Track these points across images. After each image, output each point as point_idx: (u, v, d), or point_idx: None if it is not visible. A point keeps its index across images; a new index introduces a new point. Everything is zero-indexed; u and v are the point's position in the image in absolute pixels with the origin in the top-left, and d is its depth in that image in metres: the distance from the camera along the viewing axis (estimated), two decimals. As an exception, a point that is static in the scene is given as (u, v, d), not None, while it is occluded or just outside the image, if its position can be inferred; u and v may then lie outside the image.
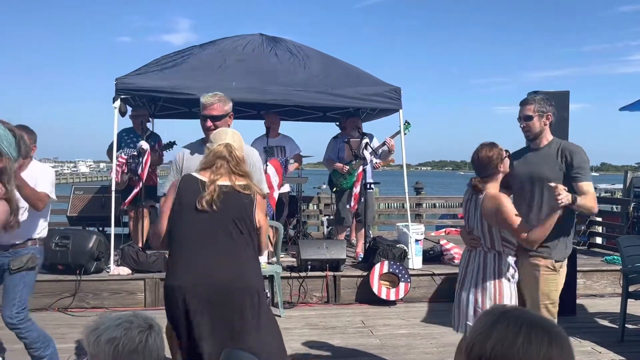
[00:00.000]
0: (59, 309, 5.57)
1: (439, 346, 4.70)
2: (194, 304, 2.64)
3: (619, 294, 5.40)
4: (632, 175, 10.19)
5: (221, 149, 2.81)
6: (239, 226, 2.74)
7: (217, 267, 2.67)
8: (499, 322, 1.15)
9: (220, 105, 3.36)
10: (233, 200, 2.73)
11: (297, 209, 7.44)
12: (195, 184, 2.75)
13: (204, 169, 2.80)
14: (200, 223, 2.70)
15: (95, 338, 1.54)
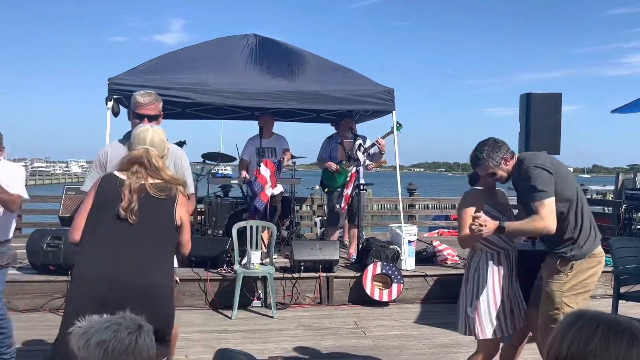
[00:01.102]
0: (51, 310, 5.53)
1: (432, 347, 4.71)
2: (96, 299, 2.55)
3: (611, 296, 5.44)
4: (623, 177, 10.28)
5: (140, 154, 2.80)
6: (154, 233, 2.73)
7: (122, 265, 2.63)
8: (575, 323, 1.16)
9: (156, 104, 3.35)
10: (150, 206, 2.71)
11: (290, 209, 7.44)
12: (114, 182, 2.74)
13: (122, 170, 2.78)
14: (115, 226, 2.67)
15: (84, 342, 1.53)
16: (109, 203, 2.70)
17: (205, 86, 6.22)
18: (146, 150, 2.82)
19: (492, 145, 3.30)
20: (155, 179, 2.77)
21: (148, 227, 2.72)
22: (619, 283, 4.92)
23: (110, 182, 2.76)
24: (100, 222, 2.70)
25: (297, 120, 8.84)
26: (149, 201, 2.72)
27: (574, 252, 3.28)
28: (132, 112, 3.33)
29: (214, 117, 8.78)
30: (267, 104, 6.51)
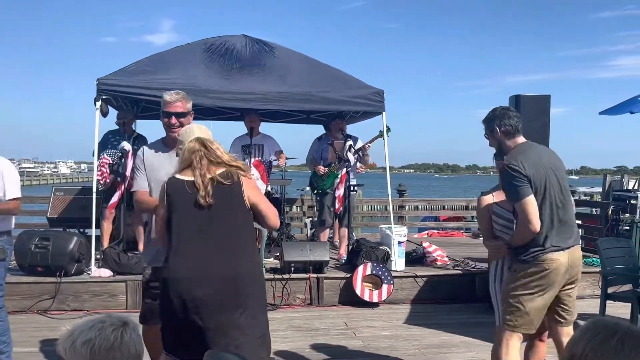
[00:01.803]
0: (39, 312, 5.49)
1: (421, 347, 4.72)
2: (193, 297, 2.66)
3: (598, 296, 5.49)
4: (610, 179, 10.38)
5: (194, 145, 2.81)
6: (232, 216, 2.79)
7: (215, 261, 2.72)
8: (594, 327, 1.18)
9: (184, 102, 3.39)
10: (220, 192, 2.75)
11: (281, 210, 7.43)
12: (180, 185, 2.77)
13: (184, 169, 2.80)
14: (195, 221, 2.74)
15: (70, 344, 1.53)
16: (183, 206, 2.75)
17: (195, 87, 6.20)
18: (198, 138, 2.85)
19: (499, 112, 3.39)
20: (218, 168, 2.78)
21: (225, 219, 2.77)
22: (606, 283, 4.97)
23: (176, 185, 2.78)
24: (182, 227, 2.76)
25: (287, 121, 8.83)
26: (220, 191, 2.75)
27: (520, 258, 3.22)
28: (162, 112, 3.39)
29: (203, 118, 8.74)
30: (258, 104, 6.50)
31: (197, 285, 2.67)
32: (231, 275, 2.73)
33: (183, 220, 2.76)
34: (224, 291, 2.69)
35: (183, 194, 2.74)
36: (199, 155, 2.78)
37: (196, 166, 2.76)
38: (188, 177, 2.76)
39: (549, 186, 3.16)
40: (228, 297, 2.70)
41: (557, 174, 3.24)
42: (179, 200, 2.76)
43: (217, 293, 2.69)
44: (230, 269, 2.74)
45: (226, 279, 2.72)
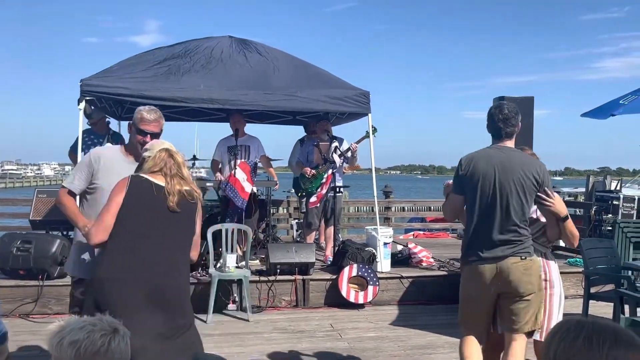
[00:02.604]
0: (20, 316, 5.42)
1: (407, 349, 4.73)
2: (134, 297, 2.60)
3: (582, 296, 5.54)
4: (594, 180, 10.48)
5: (165, 155, 2.83)
6: (185, 232, 2.83)
7: (159, 264, 2.69)
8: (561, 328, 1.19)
9: (160, 122, 3.32)
10: (183, 206, 2.78)
11: (267, 212, 7.41)
12: (146, 184, 2.74)
13: (152, 173, 2.79)
14: (151, 224, 2.72)
15: (58, 340, 1.54)
16: (145, 206, 2.71)
17: (180, 88, 6.17)
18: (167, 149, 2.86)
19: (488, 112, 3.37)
20: (181, 181, 2.81)
21: (181, 232, 2.81)
22: (589, 283, 5.01)
23: (142, 184, 2.75)
24: (133, 224, 2.70)
25: (273, 122, 8.82)
26: (184, 206, 2.78)
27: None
28: (135, 127, 3.25)
29: (188, 119, 8.71)
30: (243, 105, 6.47)
31: (136, 287, 2.62)
32: (170, 286, 2.71)
33: (139, 220, 2.70)
34: (158, 300, 2.65)
35: (148, 194, 2.71)
36: (169, 164, 2.80)
37: (167, 173, 2.77)
38: (157, 181, 2.76)
39: (487, 193, 3.16)
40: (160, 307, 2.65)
41: (510, 182, 3.14)
42: (140, 200, 2.72)
43: (151, 299, 2.64)
44: (171, 279, 2.72)
45: (164, 290, 2.68)
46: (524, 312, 3.19)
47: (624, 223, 6.11)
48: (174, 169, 2.80)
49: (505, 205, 3.14)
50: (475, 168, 3.21)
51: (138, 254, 2.67)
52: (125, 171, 3.08)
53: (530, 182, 3.15)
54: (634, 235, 5.94)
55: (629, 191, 9.65)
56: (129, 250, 2.67)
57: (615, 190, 9.56)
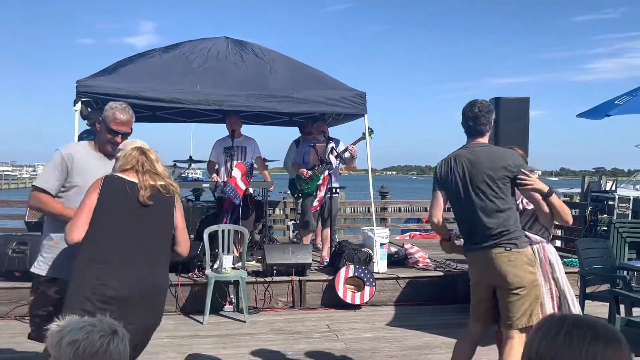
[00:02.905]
0: (16, 318, 5.40)
1: (403, 349, 4.74)
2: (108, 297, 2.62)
3: (577, 296, 5.55)
4: (589, 180, 10.51)
5: (136, 152, 2.85)
6: (162, 227, 2.85)
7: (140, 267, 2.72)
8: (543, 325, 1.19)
9: (132, 121, 3.30)
10: (157, 200, 2.79)
11: (263, 213, 7.41)
12: (120, 182, 2.75)
13: (124, 171, 2.80)
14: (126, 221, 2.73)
15: (57, 340, 1.54)
16: (119, 203, 2.73)
17: (176, 89, 6.16)
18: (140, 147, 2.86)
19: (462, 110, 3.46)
20: (155, 176, 2.82)
21: (157, 226, 2.82)
22: (585, 283, 5.03)
23: (116, 183, 2.76)
24: (109, 222, 2.71)
25: (269, 123, 8.82)
26: (158, 199, 2.79)
27: None
28: (106, 126, 3.20)
29: (184, 120, 8.70)
30: (240, 107, 6.47)
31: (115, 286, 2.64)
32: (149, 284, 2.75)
33: (114, 218, 2.72)
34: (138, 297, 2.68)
35: (121, 192, 2.73)
36: (141, 161, 2.82)
37: (139, 169, 2.79)
38: (130, 178, 2.77)
39: (460, 189, 3.32)
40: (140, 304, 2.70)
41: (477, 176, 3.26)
42: (114, 198, 2.73)
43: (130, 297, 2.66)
44: (149, 276, 2.76)
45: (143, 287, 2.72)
46: (516, 306, 3.22)
47: (619, 223, 6.14)
48: (146, 165, 2.81)
49: (480, 200, 3.26)
50: (447, 170, 3.38)
51: (115, 252, 2.69)
52: (98, 167, 3.13)
53: (501, 172, 3.24)
54: (630, 235, 5.97)
55: (624, 191, 9.70)
56: (106, 249, 2.68)
57: (611, 190, 9.59)
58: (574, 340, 1.12)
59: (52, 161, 3.18)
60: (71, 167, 3.15)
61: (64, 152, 3.19)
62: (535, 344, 1.16)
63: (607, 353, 1.11)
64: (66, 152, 3.19)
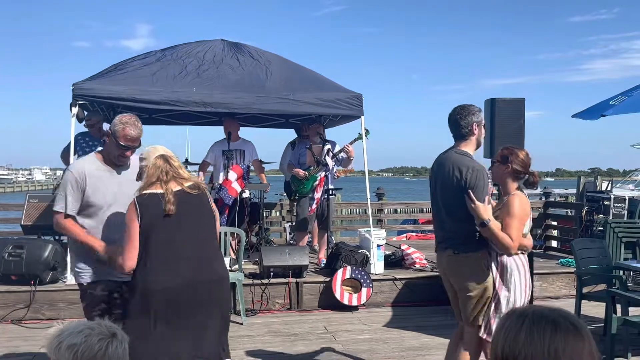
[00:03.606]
0: (13, 321, 5.39)
1: (401, 350, 4.75)
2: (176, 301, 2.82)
3: (574, 296, 5.57)
4: (584, 181, 10.56)
5: (159, 161, 2.96)
6: (204, 222, 3.02)
7: (197, 266, 2.90)
8: (505, 323, 1.19)
9: (141, 135, 3.31)
10: (191, 201, 2.94)
11: (260, 215, 7.41)
12: (153, 198, 2.87)
13: (151, 184, 2.91)
14: (171, 230, 2.87)
15: (57, 344, 1.55)
16: (159, 218, 2.85)
17: (173, 91, 6.16)
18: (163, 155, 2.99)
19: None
20: (183, 180, 2.98)
21: (198, 226, 2.97)
22: (581, 284, 5.04)
23: (150, 199, 2.88)
24: (159, 237, 2.85)
25: (265, 125, 8.82)
26: (191, 200, 2.94)
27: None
28: (115, 141, 3.18)
29: (180, 123, 8.69)
30: (236, 109, 6.48)
31: (179, 290, 2.82)
32: (208, 279, 2.93)
33: (160, 231, 2.85)
34: (202, 294, 2.88)
35: (157, 207, 2.85)
36: (165, 169, 2.93)
37: (162, 179, 2.90)
38: (158, 191, 2.88)
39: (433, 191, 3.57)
40: (205, 300, 2.88)
41: (442, 181, 3.43)
42: (153, 213, 2.85)
43: (197, 296, 2.86)
44: (208, 273, 2.94)
45: (203, 283, 2.90)
46: (465, 305, 3.39)
47: (615, 223, 6.15)
48: (170, 173, 2.93)
49: (442, 204, 3.46)
50: (431, 171, 3.64)
51: (174, 260, 2.85)
52: (111, 181, 3.24)
53: (456, 180, 3.33)
54: (625, 235, 5.98)
55: (619, 191, 9.74)
56: (165, 261, 2.85)
57: (606, 190, 9.64)
58: (535, 337, 1.12)
59: (67, 183, 3.20)
60: (85, 186, 3.19)
61: (75, 172, 3.21)
62: (500, 344, 1.17)
63: (568, 345, 1.11)
64: (78, 172, 3.21)
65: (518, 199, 3.33)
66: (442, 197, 3.45)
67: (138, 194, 2.91)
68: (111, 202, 3.22)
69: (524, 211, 3.32)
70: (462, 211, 3.31)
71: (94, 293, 3.22)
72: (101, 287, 3.23)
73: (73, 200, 3.18)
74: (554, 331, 1.12)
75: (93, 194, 3.18)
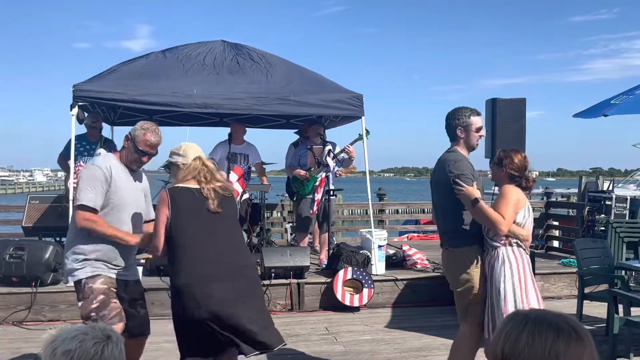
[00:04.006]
0: (14, 323, 5.39)
1: (402, 351, 4.74)
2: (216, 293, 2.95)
3: (576, 296, 5.56)
4: (586, 180, 10.53)
5: (198, 162, 3.14)
6: (235, 224, 3.30)
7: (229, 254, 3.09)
8: (508, 324, 1.19)
9: (161, 143, 3.41)
10: (222, 201, 3.13)
11: (261, 216, 7.40)
12: (187, 192, 3.05)
13: (186, 180, 3.09)
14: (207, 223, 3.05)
15: (51, 351, 1.53)
16: (190, 211, 3.03)
17: (174, 92, 6.15)
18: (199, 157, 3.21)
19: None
20: (215, 181, 3.16)
21: (230, 220, 3.20)
22: (583, 284, 5.03)
23: (184, 192, 3.06)
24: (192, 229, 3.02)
25: (266, 126, 8.81)
26: (224, 199, 3.15)
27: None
28: (134, 144, 3.27)
29: (182, 124, 8.68)
30: (237, 109, 6.47)
31: (218, 282, 2.97)
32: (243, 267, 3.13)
33: (194, 223, 3.02)
34: (240, 283, 3.06)
35: (192, 200, 3.03)
36: (203, 171, 3.10)
37: (202, 179, 3.08)
38: (193, 185, 3.06)
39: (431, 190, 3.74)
40: (244, 288, 3.07)
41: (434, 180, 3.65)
42: (188, 206, 3.02)
43: (235, 286, 3.04)
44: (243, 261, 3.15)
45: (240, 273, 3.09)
46: (457, 301, 3.48)
47: (617, 223, 6.14)
48: (208, 175, 3.10)
49: (435, 203, 3.67)
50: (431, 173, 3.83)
51: (207, 252, 3.00)
52: (128, 182, 3.31)
53: (444, 175, 3.46)
54: (627, 235, 5.97)
55: (621, 191, 9.70)
56: (198, 253, 2.99)
57: (608, 190, 9.60)
58: (537, 340, 1.12)
59: (94, 177, 3.17)
60: (111, 183, 3.20)
61: (103, 166, 3.20)
62: (501, 344, 1.17)
63: (569, 350, 1.11)
64: (106, 166, 3.20)
65: (512, 188, 3.41)
66: (435, 195, 3.64)
67: (171, 186, 3.11)
68: (129, 202, 3.28)
69: (516, 199, 3.37)
70: (448, 206, 3.47)
71: (93, 286, 3.20)
72: (101, 280, 3.23)
73: (100, 196, 3.17)
74: (556, 336, 1.12)
75: (115, 192, 3.21)
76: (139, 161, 3.32)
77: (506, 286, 3.30)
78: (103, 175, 3.18)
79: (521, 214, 3.41)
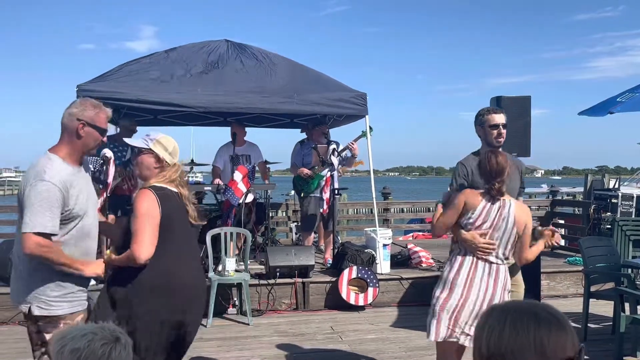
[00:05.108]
0: (20, 323, 5.40)
1: (408, 350, 4.73)
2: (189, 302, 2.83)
3: (582, 294, 5.53)
4: (592, 178, 10.49)
5: (180, 167, 2.97)
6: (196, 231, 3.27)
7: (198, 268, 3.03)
8: (487, 321, 1.18)
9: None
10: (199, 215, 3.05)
11: (265, 216, 7.40)
12: (172, 194, 2.82)
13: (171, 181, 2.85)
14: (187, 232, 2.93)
15: (59, 348, 1.53)
16: (176, 215, 2.84)
17: (177, 92, 6.16)
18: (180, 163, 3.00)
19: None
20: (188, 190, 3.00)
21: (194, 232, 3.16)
22: (589, 282, 5.00)
23: (170, 195, 2.80)
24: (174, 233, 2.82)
25: (271, 126, 8.81)
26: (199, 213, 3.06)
27: None
28: (94, 126, 2.81)
29: (186, 124, 8.70)
30: (241, 109, 6.48)
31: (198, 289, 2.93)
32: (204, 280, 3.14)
33: (179, 229, 2.84)
34: (203, 294, 3.07)
35: (176, 204, 2.84)
36: (183, 175, 2.94)
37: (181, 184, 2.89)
38: (174, 189, 2.85)
39: None
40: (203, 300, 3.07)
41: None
42: (173, 210, 2.80)
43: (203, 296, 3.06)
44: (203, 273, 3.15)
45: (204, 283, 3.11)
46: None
47: (623, 221, 6.11)
48: (184, 178, 2.96)
49: None
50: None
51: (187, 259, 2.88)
52: (81, 186, 2.76)
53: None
54: (633, 233, 5.95)
55: (627, 189, 9.65)
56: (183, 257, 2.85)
57: (614, 188, 9.56)
58: (519, 331, 1.12)
59: (49, 198, 2.56)
60: (67, 196, 2.64)
61: (56, 181, 2.59)
62: (484, 342, 1.16)
63: (552, 335, 1.11)
64: (59, 181, 2.60)
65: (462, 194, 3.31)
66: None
67: (150, 185, 2.75)
68: (86, 208, 2.75)
69: (459, 202, 3.27)
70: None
71: (72, 323, 2.64)
72: (80, 317, 2.76)
73: (55, 218, 2.59)
74: (537, 323, 1.12)
75: (74, 204, 2.67)
76: (100, 144, 2.87)
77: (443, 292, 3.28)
78: (58, 192, 2.59)
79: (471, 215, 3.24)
